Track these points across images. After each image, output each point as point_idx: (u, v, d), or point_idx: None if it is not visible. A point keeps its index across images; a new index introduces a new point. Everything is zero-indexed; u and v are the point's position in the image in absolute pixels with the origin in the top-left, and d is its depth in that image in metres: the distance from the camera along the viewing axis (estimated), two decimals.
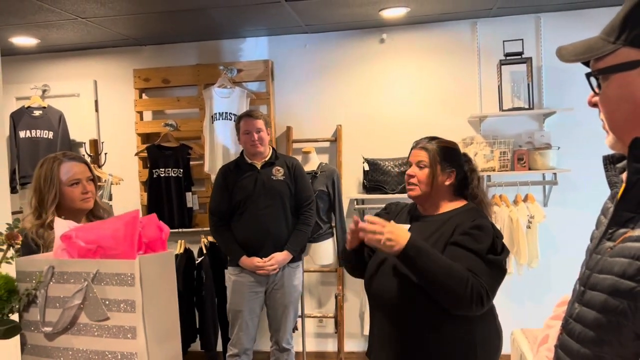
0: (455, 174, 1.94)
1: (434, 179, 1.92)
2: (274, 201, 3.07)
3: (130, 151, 4.17)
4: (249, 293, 3.12)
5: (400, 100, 3.95)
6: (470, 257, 1.75)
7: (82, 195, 2.12)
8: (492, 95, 3.79)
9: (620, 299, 0.86)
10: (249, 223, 3.07)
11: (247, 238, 3.08)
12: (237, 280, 3.14)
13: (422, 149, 1.95)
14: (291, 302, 3.17)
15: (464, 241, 1.78)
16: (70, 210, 2.13)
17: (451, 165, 1.94)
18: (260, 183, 3.08)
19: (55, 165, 2.10)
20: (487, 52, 3.83)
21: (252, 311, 3.14)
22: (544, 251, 3.62)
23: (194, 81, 4.08)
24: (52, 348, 1.03)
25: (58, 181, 2.07)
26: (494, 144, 3.71)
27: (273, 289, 3.14)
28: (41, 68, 4.33)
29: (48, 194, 2.06)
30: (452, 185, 1.95)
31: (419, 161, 1.94)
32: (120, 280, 0.98)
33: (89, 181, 2.16)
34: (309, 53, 4.03)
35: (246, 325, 3.14)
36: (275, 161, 3.16)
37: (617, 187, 1.00)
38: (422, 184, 1.93)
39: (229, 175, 3.14)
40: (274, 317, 3.19)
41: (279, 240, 3.08)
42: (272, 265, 3.05)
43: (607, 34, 0.92)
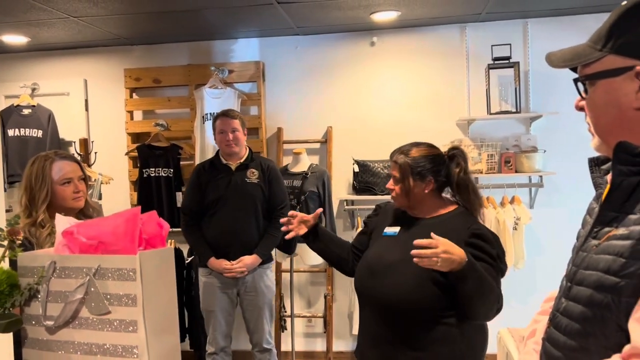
0: (434, 180, 1.95)
1: (409, 192, 1.94)
2: (246, 204, 3.05)
3: (120, 150, 4.17)
4: (220, 294, 3.10)
5: (390, 103, 4.00)
6: (487, 268, 1.79)
7: (74, 194, 2.11)
8: (480, 98, 3.85)
9: (604, 293, 0.90)
10: (219, 224, 3.05)
11: (217, 239, 3.06)
12: (207, 281, 3.12)
13: (394, 162, 1.97)
14: (265, 304, 3.15)
15: (475, 253, 1.80)
16: (61, 209, 2.09)
17: (426, 174, 1.93)
18: (234, 185, 3.06)
19: (47, 163, 2.08)
20: (475, 56, 3.89)
21: (224, 310, 3.13)
22: (529, 252, 3.69)
23: (185, 81, 4.10)
24: (52, 341, 1.05)
25: (50, 180, 2.06)
26: (482, 147, 3.77)
27: (246, 292, 3.13)
28: (31, 66, 4.32)
29: (39, 193, 2.05)
30: (433, 191, 1.97)
31: (394, 175, 1.97)
32: (122, 275, 1.01)
33: (80, 180, 2.15)
34: (300, 55, 4.07)
35: (220, 324, 3.14)
36: (250, 163, 3.13)
37: (601, 188, 1.05)
38: (399, 197, 1.96)
39: (202, 175, 3.13)
40: (250, 320, 3.18)
41: (248, 244, 3.06)
42: (240, 268, 3.02)
43: (594, 42, 0.97)
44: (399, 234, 2.00)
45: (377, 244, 2.05)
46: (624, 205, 0.95)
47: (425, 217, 1.98)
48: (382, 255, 1.97)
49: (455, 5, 3.46)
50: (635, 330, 0.84)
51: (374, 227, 2.12)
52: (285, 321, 3.96)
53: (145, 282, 1.02)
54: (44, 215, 2.03)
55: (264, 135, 4.05)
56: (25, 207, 2.06)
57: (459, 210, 1.98)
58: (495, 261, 1.84)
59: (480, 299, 1.77)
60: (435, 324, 1.84)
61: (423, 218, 1.99)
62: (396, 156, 1.97)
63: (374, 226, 2.12)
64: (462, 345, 1.87)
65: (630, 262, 0.87)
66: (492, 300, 1.79)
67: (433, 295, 1.80)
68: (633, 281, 0.86)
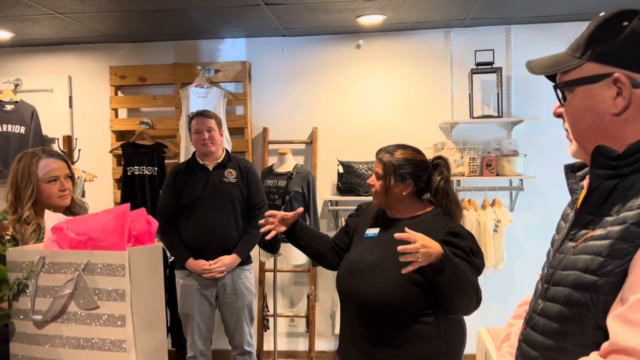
0: (413, 184, 1.99)
1: (389, 190, 1.98)
2: (224, 204, 3.03)
3: (104, 148, 4.15)
4: (198, 297, 3.06)
5: (374, 105, 4.04)
6: (463, 263, 1.82)
7: (60, 192, 2.11)
8: (463, 102, 3.92)
9: (583, 292, 0.93)
10: (197, 225, 3.02)
11: (194, 240, 3.03)
12: (185, 284, 3.08)
13: (379, 160, 2.01)
14: (245, 306, 3.12)
15: (450, 250, 1.82)
16: (47, 206, 2.05)
17: (407, 177, 1.97)
18: (211, 185, 3.04)
19: (33, 161, 2.08)
20: (459, 61, 3.95)
21: (202, 313, 3.08)
22: (509, 254, 3.76)
23: (170, 80, 4.10)
24: (41, 335, 1.07)
25: (35, 177, 2.06)
26: (464, 150, 3.83)
27: (225, 294, 3.08)
28: (15, 62, 4.28)
29: (25, 190, 2.05)
30: (410, 195, 2.01)
31: (377, 172, 2.01)
32: (111, 271, 1.02)
33: (67, 178, 2.15)
34: (287, 56, 4.09)
35: (198, 328, 3.09)
36: (227, 163, 3.12)
37: (577, 194, 1.09)
38: (378, 194, 2.01)
39: (178, 176, 3.10)
40: (229, 322, 3.14)
41: (227, 244, 3.03)
42: (219, 268, 3.00)
43: (573, 50, 1.01)
44: (379, 235, 2.05)
45: (358, 246, 2.09)
46: (600, 208, 0.98)
47: (403, 217, 2.02)
48: (363, 257, 2.01)
49: (440, 10, 3.51)
50: (613, 327, 0.86)
51: (355, 228, 2.16)
52: (268, 321, 3.98)
53: (134, 278, 1.04)
54: (30, 212, 2.04)
55: (250, 135, 4.07)
56: (11, 203, 2.06)
57: (436, 211, 2.02)
58: (470, 256, 1.87)
59: (459, 290, 1.80)
60: (413, 322, 1.88)
61: (401, 219, 2.02)
62: (382, 154, 2.02)
63: (355, 227, 2.16)
64: (441, 344, 1.91)
65: (609, 260, 0.89)
66: (469, 291, 1.82)
67: (411, 294, 1.85)
68: (611, 279, 0.88)
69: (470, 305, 1.86)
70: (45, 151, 2.16)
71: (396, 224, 2.01)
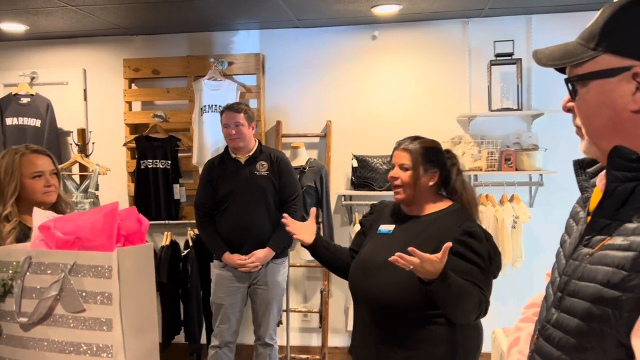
0: (439, 174, 1.95)
1: (417, 181, 1.92)
2: (256, 197, 3.04)
3: (118, 141, 4.15)
4: (231, 287, 3.12)
5: (390, 98, 3.96)
6: (474, 269, 1.78)
7: (45, 188, 2.10)
8: (482, 95, 3.81)
9: (604, 307, 0.85)
10: (231, 219, 3.06)
11: (230, 234, 3.07)
12: (220, 274, 3.14)
13: (404, 150, 1.95)
14: (274, 299, 3.16)
15: (463, 252, 1.79)
16: (31, 203, 2.01)
17: (434, 165, 1.94)
18: (243, 178, 3.06)
19: (17, 157, 2.07)
20: (477, 52, 3.84)
21: (233, 305, 3.13)
22: (527, 251, 3.66)
23: (184, 73, 4.06)
24: (27, 338, 1.03)
25: (19, 173, 2.05)
26: (482, 144, 3.73)
27: (257, 285, 3.13)
28: (30, 55, 4.29)
29: (8, 186, 2.03)
30: (435, 186, 1.96)
31: (402, 164, 1.94)
32: (98, 273, 0.98)
33: (52, 175, 2.14)
34: (301, 48, 4.03)
35: (227, 319, 3.14)
36: (259, 155, 3.12)
37: (587, 192, 1.01)
38: (406, 187, 1.93)
39: (213, 170, 3.14)
40: (257, 312, 3.19)
41: (261, 237, 3.06)
42: (253, 263, 3.04)
43: (586, 40, 0.92)
44: (394, 232, 1.99)
45: (371, 242, 2.04)
46: (618, 212, 0.90)
47: (419, 214, 1.96)
48: (375, 254, 1.95)
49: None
50: (639, 346, 0.80)
51: (369, 226, 2.10)
52: (281, 315, 3.94)
53: (123, 280, 1.00)
54: (12, 209, 2.03)
55: (263, 129, 4.02)
56: None
57: (454, 207, 1.96)
58: (485, 262, 1.81)
59: (453, 306, 1.77)
60: (428, 323, 1.83)
61: (418, 215, 1.97)
62: (405, 144, 1.96)
63: (370, 225, 2.10)
64: (455, 346, 1.85)
65: (633, 274, 0.82)
66: (468, 309, 1.78)
67: (424, 295, 1.78)
68: (636, 295, 0.81)
69: (469, 317, 1.82)
70: (29, 147, 2.14)
71: (412, 221, 1.95)
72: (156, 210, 3.96)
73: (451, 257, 1.78)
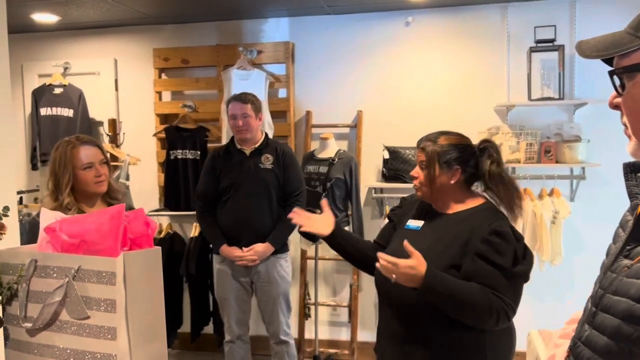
0: (461, 171, 1.84)
1: (434, 180, 1.83)
2: (259, 190, 2.96)
3: (148, 131, 4.15)
4: (232, 282, 3.05)
5: (424, 87, 3.82)
6: (494, 273, 1.68)
7: (95, 178, 2.16)
8: (521, 83, 3.63)
9: (634, 325, 0.78)
10: (232, 211, 2.98)
11: (229, 226, 3.00)
12: (220, 269, 3.08)
13: (421, 149, 1.87)
14: (280, 294, 3.06)
15: (487, 253, 1.69)
16: (85, 193, 2.18)
17: (455, 163, 1.83)
18: (247, 170, 2.98)
19: (68, 149, 2.14)
20: (517, 38, 3.66)
21: (238, 298, 3.07)
22: (567, 248, 3.49)
23: (213, 62, 4.02)
24: (33, 344, 0.99)
25: (72, 165, 2.12)
26: (521, 135, 3.56)
27: (259, 282, 3.05)
28: (62, 45, 4.32)
29: (62, 178, 2.12)
30: (459, 183, 1.85)
31: (421, 161, 1.87)
32: (101, 279, 0.93)
33: (102, 164, 2.19)
34: (331, 35, 3.92)
35: (234, 313, 3.09)
36: (264, 148, 3.03)
37: (637, 199, 0.90)
38: (423, 185, 1.86)
39: (217, 160, 3.06)
40: (265, 311, 3.11)
41: (261, 231, 2.97)
42: (251, 257, 2.95)
43: (634, 29, 0.82)
44: (422, 229, 1.91)
45: (398, 239, 1.95)
46: None
47: (448, 212, 1.87)
48: (402, 252, 1.86)
49: None
50: None
51: (399, 221, 2.02)
52: (309, 309, 3.89)
53: (130, 285, 0.94)
54: (69, 199, 2.11)
55: (292, 119, 3.95)
56: (52, 191, 2.15)
57: (485, 206, 1.85)
58: (509, 264, 1.69)
59: (455, 314, 1.70)
60: (454, 326, 1.74)
61: (446, 213, 1.88)
62: (423, 143, 1.88)
63: (398, 220, 2.02)
64: (484, 350, 1.77)
65: None
66: (472, 315, 1.69)
67: None
68: None
69: (481, 323, 1.71)
70: (80, 139, 2.21)
71: (441, 218, 1.87)
72: (185, 201, 3.95)
73: (472, 259, 1.71)
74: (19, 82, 4.37)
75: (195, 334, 3.89)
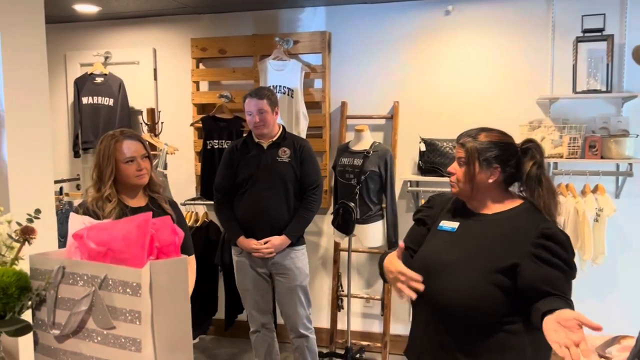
0: (501, 170, 1.78)
1: (473, 178, 1.76)
2: (276, 183, 2.98)
3: (186, 121, 4.19)
4: (252, 272, 3.09)
5: (463, 78, 3.71)
6: (559, 277, 1.63)
7: (137, 172, 2.24)
8: (566, 75, 3.48)
9: None
10: (248, 203, 3.01)
11: (246, 218, 3.03)
12: (239, 260, 3.13)
13: (461, 145, 1.80)
14: (298, 286, 3.07)
15: (544, 256, 1.63)
16: (126, 185, 2.26)
17: (495, 161, 1.76)
18: (264, 163, 3.00)
19: (112, 142, 2.23)
20: (562, 27, 3.50)
21: (259, 288, 3.11)
22: (611, 247, 3.35)
23: (250, 52, 4.01)
24: (61, 350, 1.01)
25: (114, 158, 2.21)
26: (564, 129, 3.43)
27: (276, 274, 3.07)
28: (103, 35, 4.39)
29: (106, 170, 2.21)
30: (498, 182, 1.79)
31: (459, 158, 1.80)
32: (127, 289, 0.93)
33: (143, 159, 2.27)
34: (369, 25, 3.85)
35: (255, 302, 3.14)
36: (282, 142, 3.04)
37: None
38: (460, 183, 1.79)
39: (234, 153, 3.09)
40: (283, 304, 3.12)
41: (277, 224, 2.99)
42: (267, 249, 2.98)
43: None
44: (458, 230, 1.84)
45: (433, 240, 1.90)
46: None
47: (486, 212, 1.81)
48: (439, 254, 1.82)
49: None
50: None
51: (431, 222, 1.96)
52: (342, 300, 3.89)
53: (156, 295, 0.94)
54: (111, 190, 2.21)
55: (328, 110, 3.91)
56: (95, 182, 2.25)
57: (525, 206, 1.78)
58: (571, 268, 1.65)
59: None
60: (496, 330, 1.68)
61: (484, 214, 1.81)
62: (463, 139, 1.81)
63: (431, 222, 1.96)
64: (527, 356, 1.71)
65: None
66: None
67: (494, 300, 1.65)
68: None
69: None
70: (124, 133, 2.29)
71: (478, 219, 1.80)
72: None
73: (531, 263, 1.63)
74: (62, 71, 4.49)
75: (229, 322, 3.95)
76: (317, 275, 4.09)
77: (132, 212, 2.19)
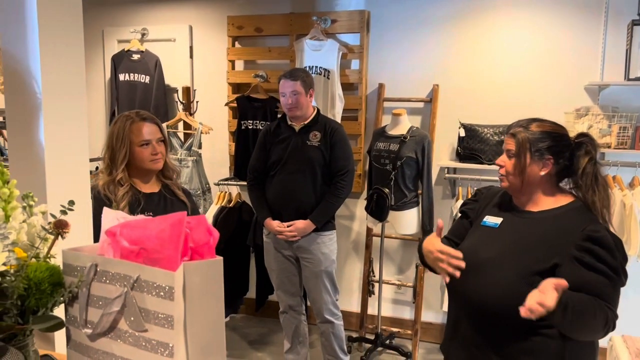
0: (554, 162, 1.68)
1: (523, 170, 1.68)
2: (304, 167, 2.95)
3: (221, 100, 4.16)
4: (277, 254, 3.10)
5: (507, 61, 3.56)
6: (603, 282, 1.55)
7: (152, 156, 2.14)
8: (618, 60, 3.30)
9: None
10: (277, 186, 3.01)
11: (274, 201, 3.03)
12: (267, 241, 3.16)
13: (511, 135, 1.72)
14: (323, 271, 3.04)
15: (588, 260, 1.56)
16: (140, 169, 2.16)
17: (547, 152, 1.67)
18: (294, 146, 2.97)
19: (127, 124, 2.12)
20: (617, 9, 3.31)
21: (285, 270, 3.12)
22: None
23: (286, 31, 3.93)
24: (93, 348, 0.99)
25: (129, 141, 2.11)
26: (614, 118, 3.26)
27: (303, 258, 3.07)
28: (141, 11, 4.38)
29: (119, 152, 2.11)
30: (550, 176, 1.70)
31: (508, 150, 1.72)
32: (159, 292, 0.90)
33: (159, 142, 2.17)
34: (410, 3, 3.71)
35: (282, 284, 3.15)
36: (314, 125, 2.99)
37: None
38: (510, 176, 1.71)
39: (268, 135, 3.08)
40: (309, 288, 3.12)
41: (303, 208, 2.97)
42: (291, 232, 2.97)
43: None
44: (501, 226, 1.77)
45: (474, 235, 1.84)
46: None
47: (533, 209, 1.73)
48: (478, 249, 1.75)
49: None
50: None
51: (474, 216, 1.89)
52: (373, 286, 3.86)
53: (189, 300, 0.91)
54: (123, 174, 2.10)
55: (364, 92, 3.82)
56: (107, 165, 2.14)
57: (576, 205, 1.69)
58: (618, 274, 1.56)
59: (575, 332, 1.58)
60: (533, 333, 1.63)
61: (530, 211, 1.73)
62: (514, 129, 1.73)
63: (475, 215, 1.89)
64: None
65: None
66: (590, 331, 1.58)
67: None
68: None
69: (593, 337, 1.62)
70: (140, 114, 2.18)
71: (524, 216, 1.73)
72: None
73: (573, 266, 1.56)
74: (100, 47, 4.51)
75: (260, 303, 3.97)
76: (348, 260, 4.05)
77: (145, 198, 2.12)
